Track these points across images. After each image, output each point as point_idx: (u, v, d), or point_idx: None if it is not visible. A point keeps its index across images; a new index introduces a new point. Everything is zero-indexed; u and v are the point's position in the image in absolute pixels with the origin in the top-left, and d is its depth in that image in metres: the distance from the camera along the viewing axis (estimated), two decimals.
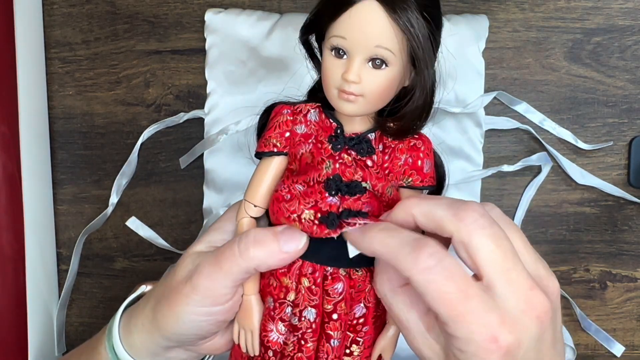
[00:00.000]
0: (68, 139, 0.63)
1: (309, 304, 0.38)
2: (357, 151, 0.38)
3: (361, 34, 0.35)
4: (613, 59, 0.61)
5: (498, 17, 0.61)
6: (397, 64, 0.36)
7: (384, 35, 0.35)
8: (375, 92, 0.37)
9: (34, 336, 0.58)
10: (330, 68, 0.37)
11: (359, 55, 0.36)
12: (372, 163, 0.38)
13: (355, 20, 0.35)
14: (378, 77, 0.36)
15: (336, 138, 0.38)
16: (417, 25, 0.35)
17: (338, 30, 0.36)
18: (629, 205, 0.62)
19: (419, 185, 0.40)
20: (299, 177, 0.38)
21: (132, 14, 0.62)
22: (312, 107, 0.40)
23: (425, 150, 0.40)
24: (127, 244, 0.63)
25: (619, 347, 0.61)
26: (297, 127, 0.39)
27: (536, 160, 0.61)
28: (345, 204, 0.37)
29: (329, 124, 0.39)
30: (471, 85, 0.59)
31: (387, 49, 0.35)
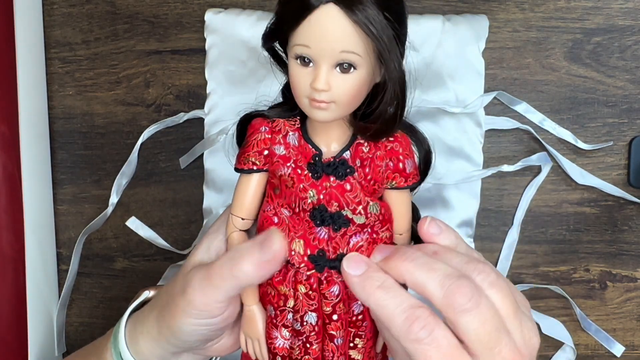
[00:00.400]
0: (68, 139, 0.63)
1: (309, 309, 0.39)
2: (336, 175, 0.38)
3: (324, 41, 0.34)
4: (613, 59, 0.61)
5: (498, 17, 0.61)
6: (365, 65, 0.36)
7: (348, 40, 0.34)
8: (346, 96, 0.36)
9: (34, 336, 0.58)
10: (298, 77, 0.36)
11: (325, 62, 0.35)
12: (351, 185, 0.38)
13: (316, 27, 0.34)
14: (347, 82, 0.35)
15: (315, 166, 0.38)
16: (379, 25, 0.34)
17: (300, 39, 0.35)
18: (628, 205, 0.62)
19: (403, 186, 0.40)
20: (283, 201, 0.38)
21: (132, 14, 0.62)
22: (292, 129, 0.39)
23: (404, 151, 0.40)
24: (127, 244, 0.63)
25: (619, 347, 0.61)
26: (276, 148, 0.39)
27: (536, 160, 0.61)
28: (333, 242, 0.38)
29: (307, 150, 0.39)
30: (471, 85, 0.59)
31: (353, 53, 0.35)
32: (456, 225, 0.60)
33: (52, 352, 0.62)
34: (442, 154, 0.59)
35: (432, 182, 0.59)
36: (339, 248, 0.38)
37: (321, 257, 0.38)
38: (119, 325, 0.44)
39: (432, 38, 0.59)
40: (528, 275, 0.62)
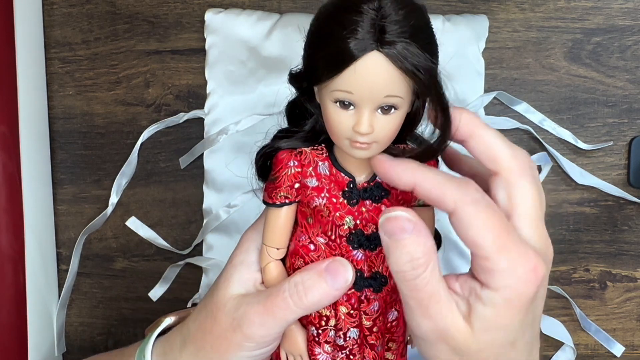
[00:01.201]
0: (68, 139, 0.63)
1: (351, 326, 0.39)
2: (372, 199, 0.38)
3: (369, 88, 0.34)
4: (613, 59, 0.61)
5: (498, 17, 0.61)
6: (405, 105, 0.36)
7: (393, 85, 0.34)
8: (387, 136, 0.36)
9: (33, 336, 0.58)
10: (338, 120, 0.35)
11: (368, 106, 0.34)
12: (387, 206, 0.38)
13: (361, 75, 0.33)
14: (389, 123, 0.35)
15: (350, 193, 0.38)
16: (422, 65, 0.34)
17: (342, 85, 0.34)
18: (628, 205, 0.62)
19: (428, 205, 0.40)
20: (319, 230, 0.39)
21: (132, 14, 0.62)
22: (320, 159, 0.39)
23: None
24: (127, 244, 0.63)
25: (618, 347, 0.61)
26: (308, 181, 0.38)
27: (536, 160, 0.61)
28: (368, 261, 0.38)
29: (341, 178, 0.38)
30: (471, 85, 0.59)
31: (397, 97, 0.34)
32: None
33: (52, 352, 0.62)
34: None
35: None
36: (374, 267, 0.38)
37: (359, 277, 0.38)
38: (143, 350, 0.43)
39: None
40: None
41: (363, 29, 0.32)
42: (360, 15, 0.33)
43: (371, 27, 0.33)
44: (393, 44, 0.33)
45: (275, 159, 0.39)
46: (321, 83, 0.35)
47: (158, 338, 0.44)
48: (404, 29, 0.33)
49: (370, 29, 0.33)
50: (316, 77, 0.35)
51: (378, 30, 0.33)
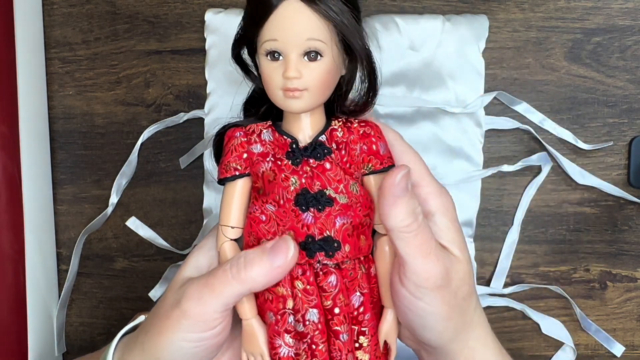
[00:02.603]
0: (68, 139, 0.63)
1: (309, 306, 0.39)
2: (315, 157, 0.40)
3: (291, 31, 0.37)
4: (613, 59, 0.61)
5: (498, 17, 0.61)
6: (330, 53, 0.38)
7: (313, 28, 0.37)
8: (317, 82, 0.38)
9: (33, 336, 0.58)
10: (270, 72, 0.38)
11: (294, 51, 0.37)
12: (331, 164, 0.40)
13: (282, 20, 0.37)
14: (317, 69, 0.38)
15: (293, 153, 0.40)
16: (339, 10, 0.37)
17: (268, 34, 0.38)
18: (629, 205, 0.62)
19: (379, 168, 0.41)
20: (268, 197, 0.39)
21: (132, 14, 0.62)
22: (264, 127, 0.41)
23: (376, 134, 0.41)
24: (127, 244, 0.63)
25: (619, 347, 0.61)
26: (253, 147, 0.40)
27: (536, 160, 0.61)
28: (318, 224, 0.38)
29: (283, 141, 0.40)
30: (471, 85, 0.59)
31: (318, 40, 0.37)
32: None
33: (52, 352, 0.62)
34: (442, 154, 0.59)
35: None
36: (325, 229, 0.38)
37: (310, 242, 0.38)
38: (107, 350, 0.42)
39: (432, 38, 0.59)
40: (528, 275, 0.62)
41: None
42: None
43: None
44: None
45: (225, 136, 0.42)
46: (253, 40, 0.39)
47: (127, 335, 0.43)
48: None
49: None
50: (249, 34, 0.39)
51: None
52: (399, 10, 0.61)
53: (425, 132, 0.60)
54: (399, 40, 0.59)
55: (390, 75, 0.59)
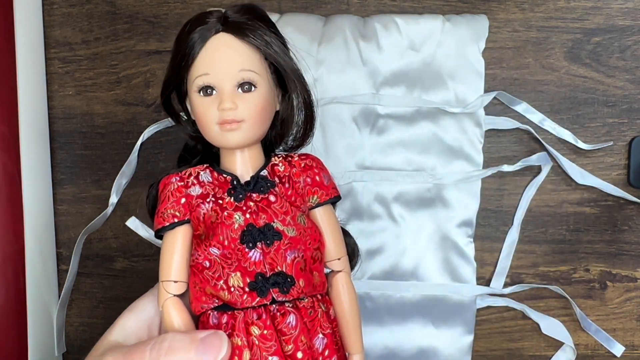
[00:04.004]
0: (68, 139, 0.63)
1: (268, 353, 0.35)
2: (258, 190, 0.38)
3: (223, 64, 0.37)
4: (613, 59, 0.61)
5: (498, 17, 0.61)
6: (264, 83, 0.38)
7: (244, 59, 0.37)
8: (253, 113, 0.37)
9: (33, 336, 0.58)
10: (204, 107, 0.38)
11: (227, 84, 0.37)
12: (276, 196, 0.38)
13: (213, 54, 0.37)
14: (252, 100, 0.37)
15: (235, 189, 0.38)
16: (268, 40, 0.38)
17: (200, 69, 0.37)
18: (628, 205, 0.62)
19: (325, 199, 0.40)
20: (211, 240, 0.37)
21: (132, 13, 0.62)
22: (202, 169, 0.40)
23: (318, 166, 0.41)
24: (127, 244, 0.63)
25: (619, 347, 0.61)
26: (191, 190, 0.39)
27: (536, 160, 0.61)
28: (268, 259, 0.36)
29: (223, 179, 0.39)
30: (471, 85, 0.59)
31: (252, 71, 0.37)
32: (456, 225, 0.60)
33: (52, 352, 0.61)
34: (442, 154, 0.59)
35: (432, 182, 0.59)
36: (275, 265, 0.36)
37: (261, 280, 0.36)
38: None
39: (432, 38, 0.59)
40: (528, 275, 0.62)
41: (210, 20, 0.37)
42: (208, 16, 0.38)
43: (217, 19, 0.38)
44: (235, 24, 0.37)
45: (160, 185, 0.40)
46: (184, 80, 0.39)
47: None
48: (246, 15, 0.38)
49: (215, 19, 0.38)
50: (178, 74, 0.39)
51: (222, 19, 0.38)
52: (399, 10, 0.61)
53: (425, 132, 0.60)
54: (399, 40, 0.59)
55: (390, 75, 0.59)
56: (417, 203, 0.60)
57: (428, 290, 0.59)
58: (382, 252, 0.60)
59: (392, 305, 0.59)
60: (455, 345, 0.59)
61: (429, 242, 0.60)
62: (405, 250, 0.59)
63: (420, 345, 0.59)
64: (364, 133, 0.60)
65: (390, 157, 0.60)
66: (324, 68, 0.59)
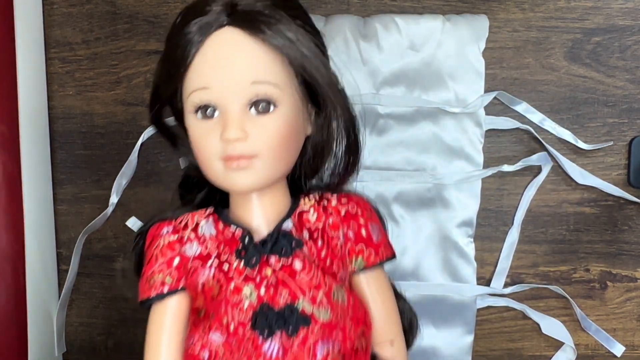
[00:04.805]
0: (68, 139, 0.63)
1: None
2: (279, 253, 0.28)
3: (227, 73, 0.26)
4: (613, 59, 0.61)
5: (498, 17, 0.61)
6: (287, 100, 0.26)
7: (259, 66, 0.26)
8: (271, 145, 0.26)
9: (33, 336, 0.58)
10: (202, 135, 0.27)
11: (234, 102, 0.26)
12: (303, 262, 0.27)
13: (214, 59, 0.26)
14: (269, 125, 0.26)
15: (246, 250, 0.28)
16: (294, 38, 0.25)
17: (195, 82, 0.26)
18: (629, 205, 0.62)
19: (375, 262, 0.30)
20: (212, 321, 0.28)
21: (132, 13, 0.62)
22: (203, 217, 0.29)
23: (365, 213, 0.30)
24: (127, 244, 0.63)
25: (619, 347, 0.61)
26: (187, 248, 0.29)
27: (536, 160, 0.61)
28: (290, 356, 0.26)
29: (231, 234, 0.28)
30: (471, 85, 0.59)
31: (269, 83, 0.26)
32: (456, 225, 0.60)
33: (51, 352, 0.61)
34: (442, 154, 0.59)
35: (432, 182, 0.59)
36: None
37: None
38: None
39: (432, 38, 0.59)
40: (528, 275, 0.62)
41: (212, 7, 0.26)
42: (210, 2, 0.27)
43: (222, 6, 0.26)
44: (247, 15, 0.25)
45: (147, 237, 0.30)
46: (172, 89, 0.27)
47: None
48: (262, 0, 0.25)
49: (220, 8, 0.26)
50: (167, 85, 0.27)
51: (230, 5, 0.26)
52: (399, 10, 0.61)
53: (426, 132, 0.60)
54: (399, 40, 0.59)
55: (390, 75, 0.59)
56: (417, 203, 0.59)
57: (428, 290, 0.59)
58: None
59: None
60: (455, 345, 0.59)
61: (429, 242, 0.60)
62: (405, 250, 0.59)
63: (420, 345, 0.59)
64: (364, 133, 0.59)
65: (390, 157, 0.60)
66: None
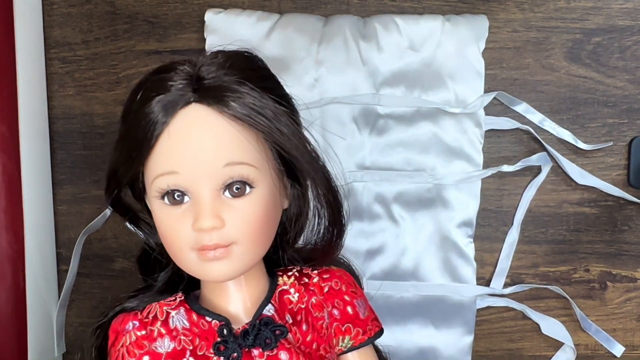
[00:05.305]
0: (68, 139, 0.63)
1: None
2: (262, 345, 0.26)
3: (198, 156, 0.24)
4: (613, 59, 0.61)
5: (498, 17, 0.61)
6: (264, 179, 0.24)
7: (232, 145, 0.24)
8: (250, 230, 0.24)
9: (33, 336, 0.58)
10: (171, 224, 0.25)
11: (206, 187, 0.24)
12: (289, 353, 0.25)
13: (181, 140, 0.23)
14: (246, 209, 0.24)
15: (225, 344, 0.26)
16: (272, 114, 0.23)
17: (161, 166, 0.24)
18: (628, 206, 0.62)
19: (362, 340, 0.29)
20: None
21: (132, 14, 0.62)
22: (172, 307, 0.27)
23: (349, 287, 0.28)
24: (127, 244, 0.63)
25: (619, 348, 0.61)
26: (158, 345, 0.27)
27: (536, 160, 0.61)
28: None
29: (207, 326, 0.26)
30: (471, 85, 0.59)
31: (244, 163, 0.24)
32: (456, 225, 0.60)
33: (51, 353, 0.61)
34: (442, 154, 0.59)
35: (432, 182, 0.59)
36: None
37: None
38: None
39: (432, 38, 0.59)
40: (528, 276, 0.62)
41: (175, 82, 0.24)
42: (172, 71, 0.24)
43: (185, 78, 0.24)
44: (217, 89, 0.23)
45: (109, 331, 0.28)
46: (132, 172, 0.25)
47: None
48: (229, 69, 0.24)
49: (183, 80, 0.24)
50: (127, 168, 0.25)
51: (194, 79, 0.24)
52: (398, 11, 0.61)
53: (425, 132, 0.60)
54: (398, 40, 0.59)
55: (390, 75, 0.59)
56: (417, 203, 0.59)
57: (428, 290, 0.59)
58: (382, 253, 0.60)
59: (392, 306, 0.59)
60: (455, 345, 0.59)
61: (429, 242, 0.60)
62: (405, 250, 0.59)
63: (420, 346, 0.59)
64: (364, 133, 0.59)
65: (390, 157, 0.60)
66: (324, 68, 0.59)
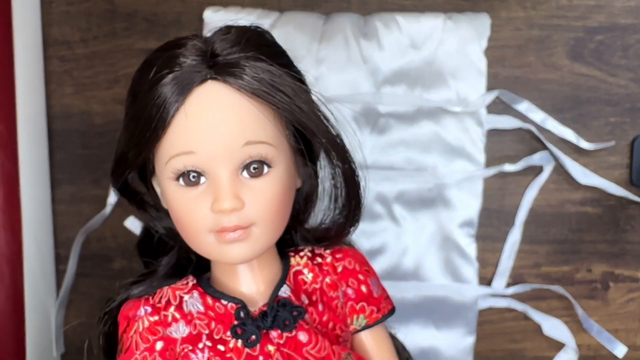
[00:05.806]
0: (66, 138, 0.63)
1: None
2: (281, 327, 0.25)
3: (216, 135, 0.23)
4: (615, 58, 0.61)
5: (500, 15, 0.61)
6: (282, 158, 0.25)
7: (251, 124, 0.23)
8: (269, 210, 0.24)
9: (31, 336, 0.58)
10: (187, 206, 0.24)
11: (225, 167, 0.24)
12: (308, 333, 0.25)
13: (198, 119, 0.23)
14: (265, 188, 0.24)
15: (243, 326, 0.25)
16: (291, 90, 0.24)
17: (177, 146, 0.24)
18: (631, 205, 0.61)
19: (377, 318, 0.29)
20: None
21: (131, 12, 0.62)
22: (185, 291, 0.27)
23: (362, 266, 0.28)
24: (126, 244, 0.63)
25: (621, 348, 0.61)
26: (173, 330, 0.26)
27: (538, 159, 0.61)
28: None
29: (222, 308, 0.26)
30: (473, 84, 0.59)
31: (263, 142, 0.24)
32: (457, 225, 0.59)
33: (50, 353, 0.61)
34: (444, 153, 0.59)
35: (434, 182, 0.59)
36: None
37: None
38: None
39: (434, 36, 0.59)
40: (530, 276, 0.62)
41: (187, 58, 0.24)
42: (182, 47, 0.24)
43: (198, 54, 0.24)
44: (234, 65, 0.23)
45: (119, 318, 0.27)
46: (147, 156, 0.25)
47: None
48: (244, 45, 0.24)
49: (196, 55, 0.24)
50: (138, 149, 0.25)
51: (209, 55, 0.24)
52: (400, 9, 0.61)
53: (427, 131, 0.59)
54: (400, 38, 0.59)
55: (391, 73, 0.59)
56: (418, 203, 0.59)
57: (429, 290, 0.59)
58: (383, 252, 0.59)
59: None
60: (456, 346, 0.59)
61: (430, 242, 0.59)
62: (406, 250, 0.59)
63: (421, 346, 0.59)
64: (365, 132, 0.59)
65: (391, 157, 0.59)
66: (325, 67, 0.59)
